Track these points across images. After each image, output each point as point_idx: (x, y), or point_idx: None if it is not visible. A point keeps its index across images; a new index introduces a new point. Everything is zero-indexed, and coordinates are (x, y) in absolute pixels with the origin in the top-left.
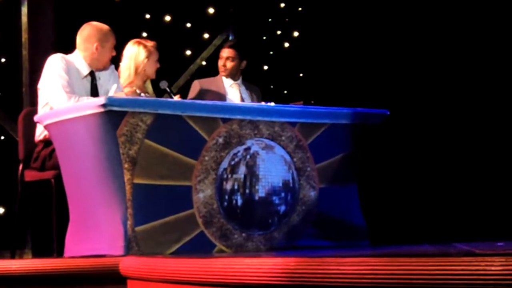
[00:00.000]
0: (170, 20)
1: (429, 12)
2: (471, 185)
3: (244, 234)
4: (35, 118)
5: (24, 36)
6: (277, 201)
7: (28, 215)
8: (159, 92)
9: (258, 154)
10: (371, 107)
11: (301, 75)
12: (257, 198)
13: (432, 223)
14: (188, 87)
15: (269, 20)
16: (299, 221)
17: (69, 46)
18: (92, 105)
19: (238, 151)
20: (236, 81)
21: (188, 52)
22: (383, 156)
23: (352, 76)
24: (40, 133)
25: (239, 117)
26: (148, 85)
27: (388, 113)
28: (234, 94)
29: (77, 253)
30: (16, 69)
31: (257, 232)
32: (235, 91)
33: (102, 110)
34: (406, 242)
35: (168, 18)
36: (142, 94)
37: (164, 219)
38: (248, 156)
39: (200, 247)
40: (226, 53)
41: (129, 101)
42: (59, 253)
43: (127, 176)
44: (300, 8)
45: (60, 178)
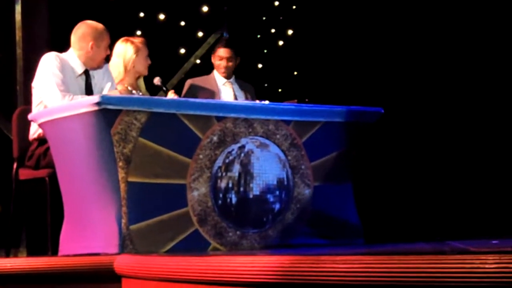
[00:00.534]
0: (164, 18)
1: (423, 10)
2: (465, 183)
3: (238, 232)
4: (29, 117)
5: (18, 34)
6: (271, 199)
7: (23, 213)
8: (153, 89)
9: (253, 152)
10: (366, 106)
11: (295, 73)
12: (251, 196)
13: (426, 221)
14: (182, 86)
15: (263, 18)
16: (293, 219)
17: (63, 45)
18: (86, 103)
19: (233, 149)
20: (229, 79)
21: (182, 51)
22: (378, 154)
23: (346, 74)
24: (35, 131)
25: (233, 115)
26: (141, 82)
27: (383, 111)
28: (228, 93)
29: (72, 251)
30: (10, 68)
31: (252, 230)
32: (228, 89)
33: (96, 108)
34: (401, 240)
35: (162, 17)
36: (134, 91)
37: (159, 218)
38: (242, 154)
39: (194, 245)
40: (226, 53)
41: (123, 99)
42: (54, 251)
43: (121, 174)
44: (294, 6)
45: (54, 177)
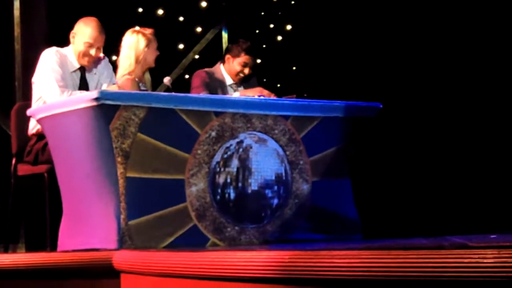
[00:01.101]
0: (163, 13)
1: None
2: (464, 178)
3: (237, 228)
4: (28, 112)
5: (16, 30)
6: (270, 195)
7: (21, 209)
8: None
9: (251, 147)
10: (364, 101)
11: (294, 68)
12: (249, 191)
13: (425, 216)
14: (181, 81)
15: (262, 13)
16: (292, 215)
17: (62, 40)
18: (85, 99)
19: (231, 145)
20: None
21: (181, 46)
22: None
23: (345, 70)
24: (33, 126)
25: (231, 110)
26: (147, 76)
27: (381, 106)
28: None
29: (71, 247)
30: (8, 63)
31: (250, 225)
32: (232, 91)
33: (95, 104)
34: (400, 235)
35: (160, 12)
36: (140, 84)
37: (157, 213)
38: (240, 150)
39: (193, 241)
40: (250, 60)
41: (122, 94)
42: (53, 247)
43: (120, 170)
44: (293, 2)
45: (53, 172)
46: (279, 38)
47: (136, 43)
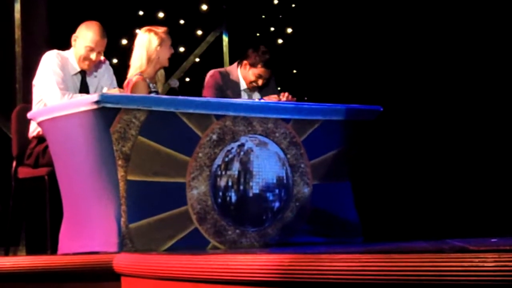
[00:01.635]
0: (164, 16)
1: (421, 8)
2: (465, 181)
3: (238, 231)
4: (29, 115)
5: (17, 32)
6: (271, 198)
7: (22, 212)
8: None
9: (252, 150)
10: (364, 104)
11: (294, 71)
12: (251, 194)
13: (425, 220)
14: (182, 84)
15: (263, 16)
16: (293, 218)
17: (62, 43)
18: (85, 102)
19: (232, 148)
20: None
21: (182, 49)
22: (377, 153)
23: (345, 73)
24: (34, 129)
25: (232, 113)
26: (161, 74)
27: (382, 109)
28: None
29: (71, 250)
30: (9, 66)
31: (251, 228)
32: (245, 96)
33: (95, 107)
34: (400, 239)
35: (161, 15)
36: (151, 84)
37: (158, 216)
38: (242, 153)
39: (194, 244)
40: (266, 73)
41: (123, 98)
42: (53, 250)
43: (120, 173)
44: (293, 5)
45: (54, 175)
46: (280, 41)
47: (148, 42)
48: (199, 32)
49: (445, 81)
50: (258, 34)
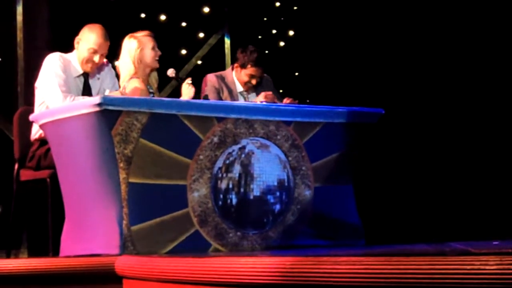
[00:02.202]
0: (165, 19)
1: (423, 10)
2: (466, 184)
3: (239, 233)
4: (31, 117)
5: (19, 35)
6: (272, 200)
7: (24, 214)
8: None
9: (253, 153)
10: (366, 106)
11: (296, 74)
12: (252, 197)
13: (427, 222)
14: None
15: (265, 19)
16: (294, 220)
17: (64, 45)
18: (87, 104)
19: (233, 150)
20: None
21: (183, 52)
22: (379, 155)
23: (347, 75)
24: (36, 132)
25: (234, 116)
26: (153, 77)
27: (383, 112)
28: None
29: (73, 252)
30: (11, 68)
31: (252, 231)
32: (242, 99)
33: (97, 109)
34: (402, 241)
35: (163, 17)
36: (147, 86)
37: (160, 218)
38: (243, 155)
39: (195, 246)
40: (258, 72)
41: (124, 100)
42: (55, 252)
43: (122, 175)
44: (295, 7)
45: (55, 178)
46: (282, 43)
47: (129, 48)
48: (201, 35)
49: (447, 84)
50: (260, 37)
